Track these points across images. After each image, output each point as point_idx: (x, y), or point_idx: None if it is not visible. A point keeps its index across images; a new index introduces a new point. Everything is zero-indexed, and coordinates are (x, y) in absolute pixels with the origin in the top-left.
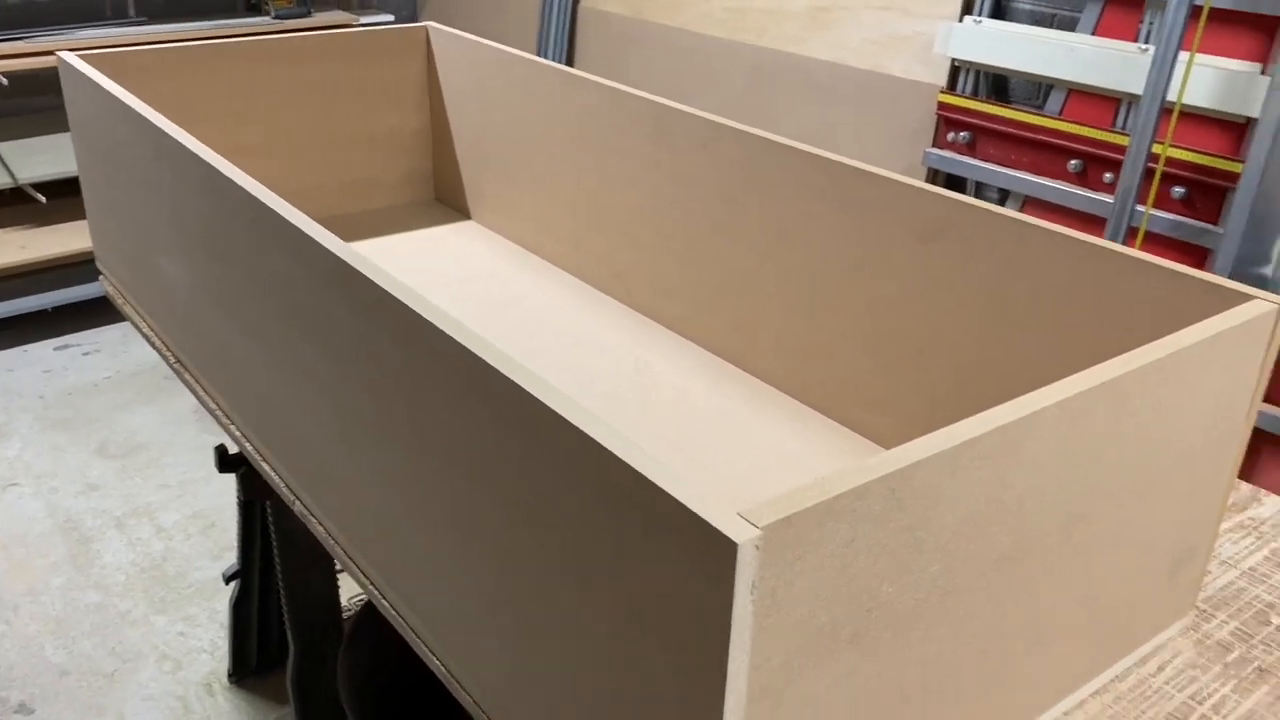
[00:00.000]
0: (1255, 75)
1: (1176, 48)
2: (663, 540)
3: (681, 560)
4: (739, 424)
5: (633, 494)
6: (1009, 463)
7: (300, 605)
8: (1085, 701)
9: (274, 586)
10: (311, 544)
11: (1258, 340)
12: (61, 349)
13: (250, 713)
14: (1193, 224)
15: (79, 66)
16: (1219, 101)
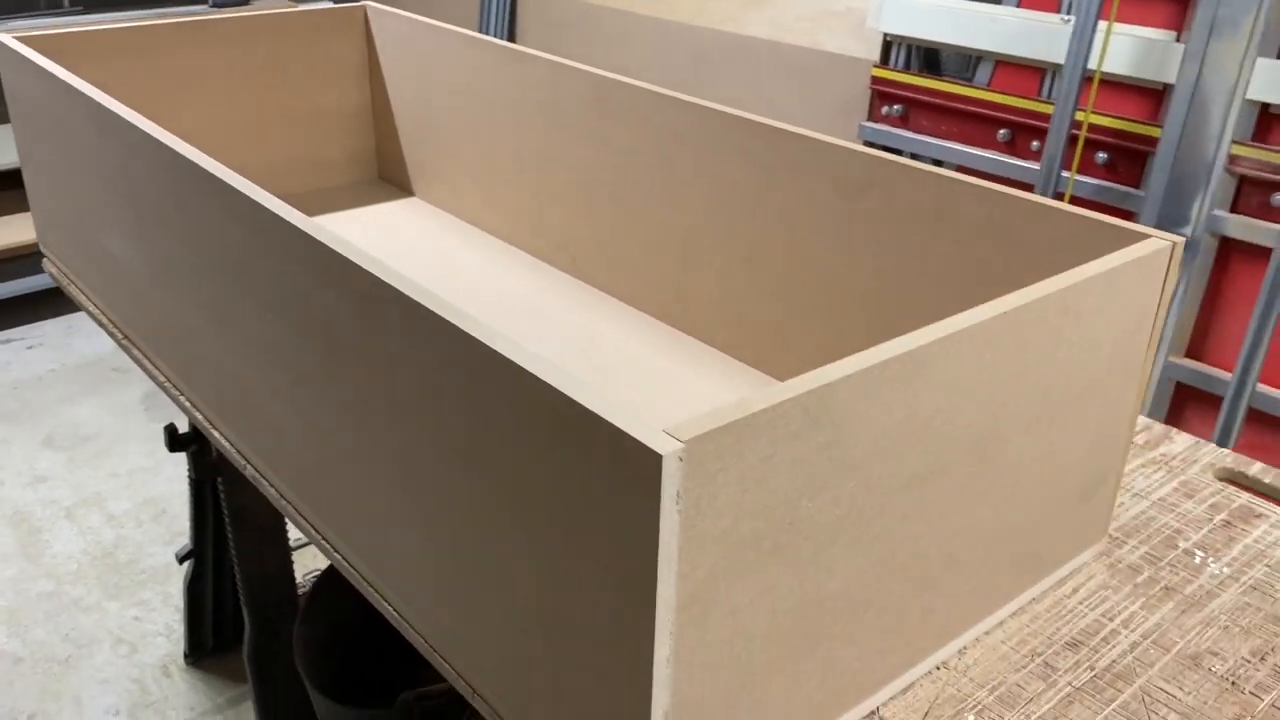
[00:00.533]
0: (1171, 43)
1: (1095, 18)
2: (594, 458)
3: (612, 475)
4: (679, 381)
5: (565, 417)
6: (919, 385)
7: (254, 581)
8: (1005, 621)
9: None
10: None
11: (1154, 276)
12: (4, 343)
13: (207, 692)
14: (1117, 188)
15: (17, 48)
16: (1137, 69)
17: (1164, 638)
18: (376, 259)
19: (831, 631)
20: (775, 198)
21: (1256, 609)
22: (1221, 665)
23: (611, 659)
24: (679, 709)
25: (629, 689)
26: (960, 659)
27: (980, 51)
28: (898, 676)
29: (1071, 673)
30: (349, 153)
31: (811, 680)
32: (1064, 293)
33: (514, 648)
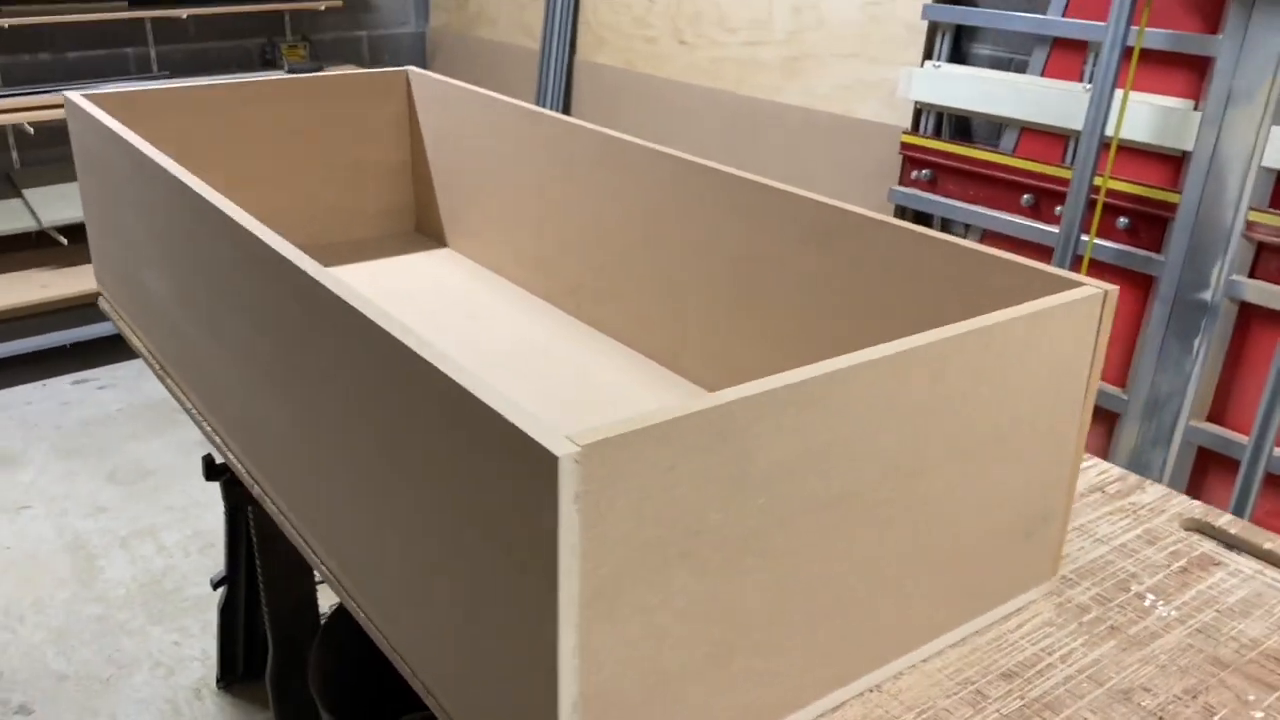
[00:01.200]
0: (1189, 111)
1: (1112, 86)
2: (507, 459)
3: (520, 475)
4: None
5: (484, 422)
6: (826, 411)
7: (280, 607)
8: (944, 651)
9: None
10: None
11: (1086, 321)
12: (79, 383)
13: (235, 715)
14: (1137, 253)
15: (81, 104)
16: (1156, 136)
17: (1100, 673)
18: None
19: (749, 641)
20: (755, 246)
21: (1198, 650)
22: (1151, 701)
23: (526, 649)
24: (589, 701)
25: (540, 678)
26: (894, 683)
27: (1005, 119)
28: (826, 695)
29: (1001, 701)
30: (389, 206)
31: (732, 689)
32: (982, 332)
33: (452, 642)
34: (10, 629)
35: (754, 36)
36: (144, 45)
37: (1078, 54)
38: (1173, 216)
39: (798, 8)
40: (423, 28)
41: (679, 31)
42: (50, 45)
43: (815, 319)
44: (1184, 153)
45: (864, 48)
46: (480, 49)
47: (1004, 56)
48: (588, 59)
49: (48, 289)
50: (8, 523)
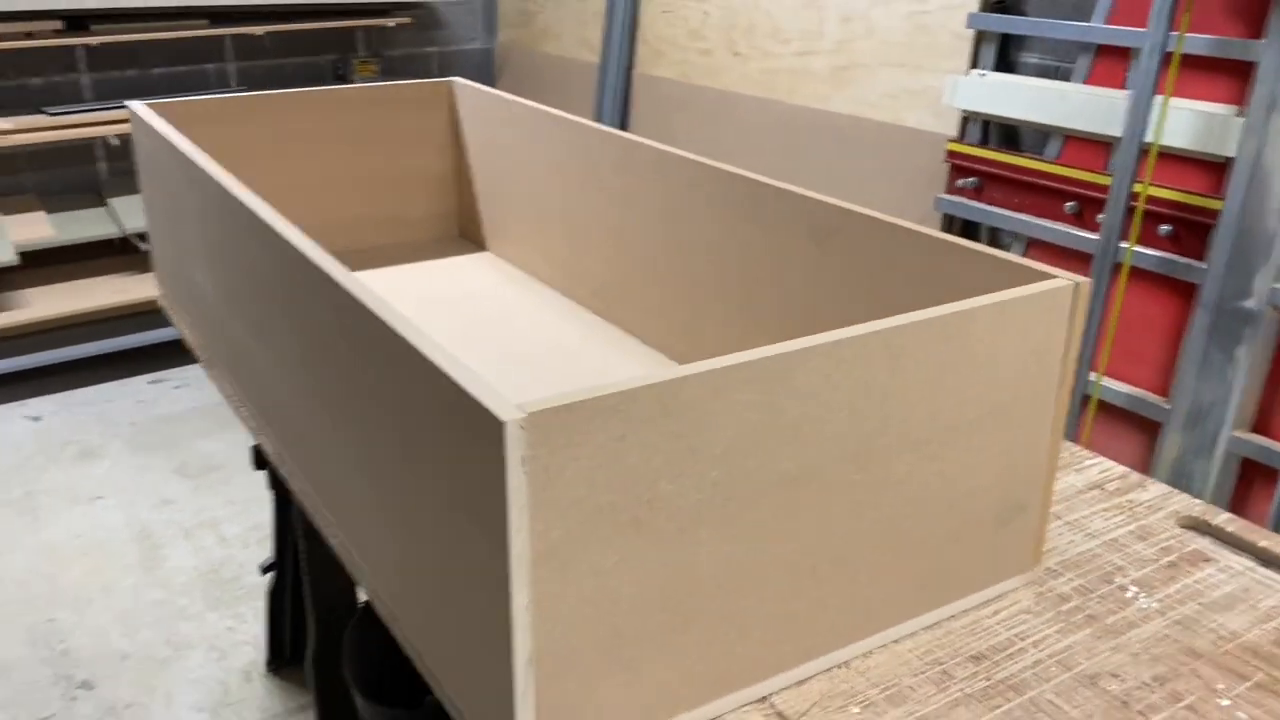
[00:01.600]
0: (1232, 117)
1: (1152, 92)
2: (465, 427)
3: (474, 440)
4: None
5: (446, 393)
6: (779, 390)
7: (322, 592)
8: (917, 633)
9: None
10: None
11: (1057, 312)
12: (154, 382)
13: (281, 697)
14: (1179, 260)
15: (140, 111)
16: (1198, 142)
17: (1070, 659)
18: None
19: (707, 610)
20: (764, 244)
21: (1174, 640)
22: (1118, 686)
23: (486, 608)
24: (544, 656)
25: (497, 632)
26: (863, 660)
27: (1049, 127)
28: (792, 668)
29: (967, 681)
30: (433, 212)
31: (690, 653)
32: (942, 320)
33: (435, 609)
34: (79, 610)
35: (805, 47)
36: (223, 62)
37: (1121, 61)
38: (1215, 223)
39: (847, 17)
40: (490, 43)
41: (733, 43)
42: (136, 62)
43: (818, 313)
44: (1226, 159)
45: (911, 56)
46: (545, 63)
47: (1049, 64)
48: (645, 71)
49: (128, 293)
50: (82, 512)
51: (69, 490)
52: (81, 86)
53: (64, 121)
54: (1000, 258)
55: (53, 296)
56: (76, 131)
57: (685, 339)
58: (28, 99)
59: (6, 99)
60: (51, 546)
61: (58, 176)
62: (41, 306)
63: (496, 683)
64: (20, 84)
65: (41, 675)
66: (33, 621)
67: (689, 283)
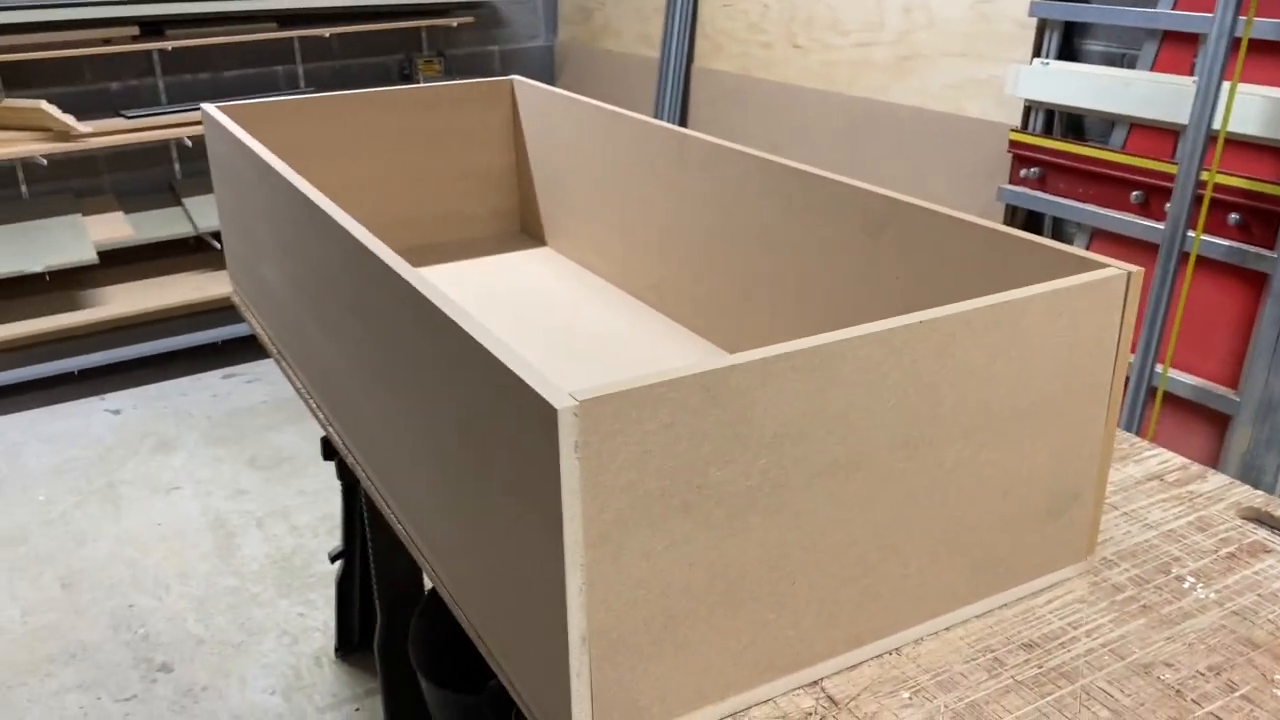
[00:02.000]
0: None
1: (1219, 78)
2: (522, 414)
3: (531, 427)
4: None
5: (503, 382)
6: (827, 378)
7: (388, 579)
8: (970, 621)
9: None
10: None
11: (1110, 301)
12: (228, 377)
13: (350, 682)
14: (1248, 249)
15: (213, 113)
16: (1267, 129)
17: (1123, 648)
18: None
19: (757, 594)
20: (816, 236)
21: (1230, 631)
22: (1172, 675)
23: (542, 587)
24: (597, 636)
25: (552, 613)
26: (914, 648)
27: (1114, 115)
28: (843, 653)
29: (1018, 668)
30: (495, 208)
31: (741, 637)
32: (991, 309)
33: (490, 588)
34: (158, 596)
35: (866, 38)
36: (292, 64)
37: (1189, 47)
38: None
39: (908, 8)
40: (551, 41)
41: (793, 36)
42: (209, 65)
43: (870, 304)
44: None
45: (973, 46)
46: (605, 60)
47: (1114, 52)
48: (705, 65)
49: (202, 290)
50: (160, 501)
51: (148, 481)
52: (157, 90)
53: (141, 124)
54: (1053, 247)
55: (130, 294)
56: (153, 134)
57: (739, 331)
58: (106, 103)
59: (86, 103)
60: (132, 535)
61: (134, 177)
62: (120, 304)
63: (552, 663)
64: (99, 88)
65: (123, 658)
66: (115, 606)
67: (742, 275)
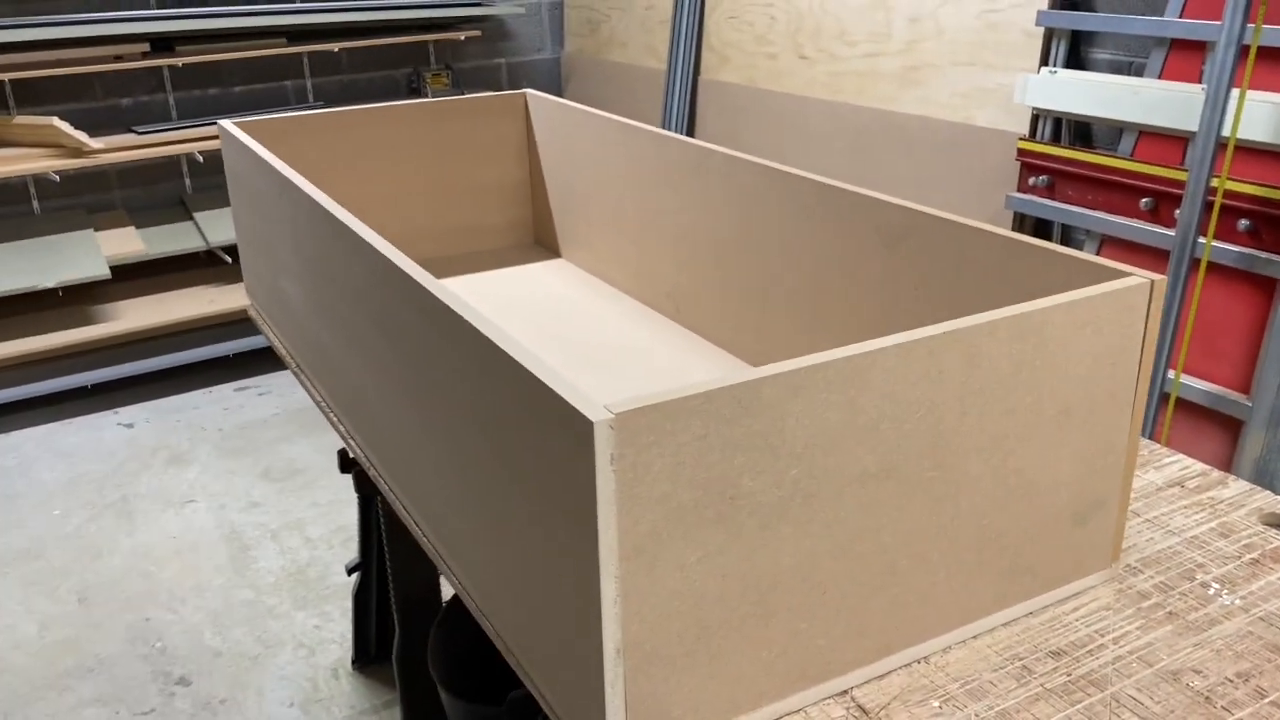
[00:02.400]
0: None
1: (1228, 85)
2: (558, 427)
3: (566, 440)
4: None
5: (538, 396)
6: (857, 389)
7: (406, 591)
8: (996, 629)
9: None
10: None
11: (1132, 310)
12: (240, 390)
13: (367, 694)
14: (1259, 255)
15: (232, 130)
16: (1277, 135)
17: (1151, 654)
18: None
19: (789, 604)
20: (834, 247)
21: (1258, 637)
22: (1201, 682)
23: (577, 602)
24: (632, 648)
25: (586, 625)
26: (942, 656)
27: (1122, 123)
28: (872, 662)
29: (1047, 676)
30: (509, 220)
31: (773, 647)
32: (1017, 319)
33: (527, 604)
34: (174, 609)
35: (873, 48)
36: (301, 78)
37: (1196, 55)
38: None
39: (915, 17)
40: (558, 53)
41: (799, 47)
42: (218, 81)
43: (889, 315)
44: None
45: (981, 55)
46: (612, 72)
47: (1122, 60)
48: (711, 77)
49: (214, 304)
50: (175, 514)
51: (162, 494)
52: (168, 105)
53: (152, 140)
54: (1074, 256)
55: (142, 308)
56: (164, 149)
57: (756, 341)
58: (117, 119)
59: (98, 119)
60: (147, 548)
61: (146, 192)
62: (132, 318)
63: (586, 675)
64: (110, 104)
65: (141, 671)
66: (131, 620)
67: (759, 286)
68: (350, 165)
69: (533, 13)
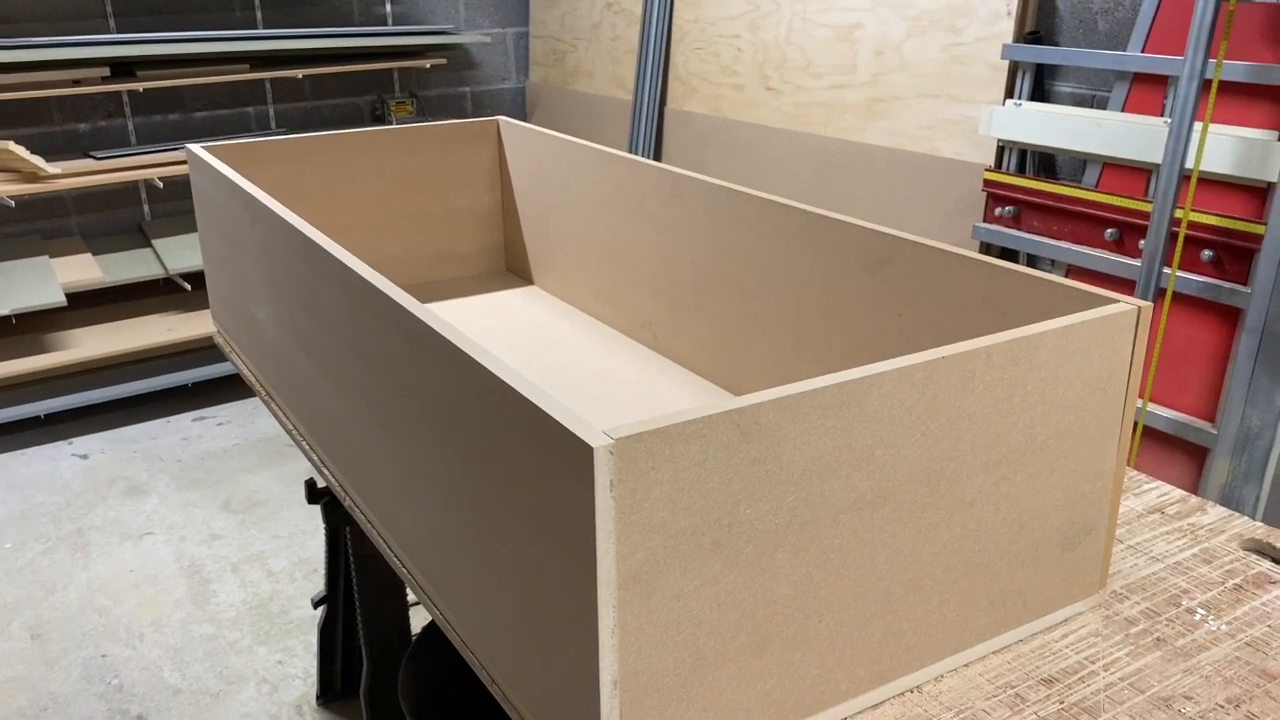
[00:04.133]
0: (1272, 142)
1: (1191, 119)
2: (554, 453)
3: (563, 466)
4: None
5: (532, 422)
6: (852, 415)
7: (374, 624)
8: (987, 657)
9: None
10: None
11: (1120, 336)
12: (198, 420)
13: None
14: (1223, 285)
15: (200, 154)
16: (1239, 168)
17: (1142, 681)
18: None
19: (784, 633)
20: (814, 274)
21: (1245, 663)
22: (1193, 708)
23: (572, 632)
24: (628, 679)
25: (583, 656)
26: (935, 685)
27: (1087, 155)
28: (866, 692)
29: (1040, 704)
30: (481, 246)
31: (768, 677)
32: (1010, 345)
33: (515, 634)
34: (131, 645)
35: (839, 80)
36: (264, 104)
37: (1158, 88)
38: (1258, 248)
39: (880, 50)
40: (522, 83)
41: (766, 78)
42: (179, 106)
43: (871, 341)
44: (1269, 184)
45: (946, 87)
46: (577, 101)
47: (1085, 93)
48: (678, 107)
49: (173, 332)
50: (131, 547)
51: (118, 526)
52: (126, 131)
53: (111, 165)
54: (1058, 283)
55: (99, 337)
56: (123, 175)
57: (735, 369)
58: (75, 143)
59: (54, 144)
60: (103, 582)
61: (103, 218)
62: (88, 347)
63: (581, 708)
64: (67, 129)
65: (97, 710)
66: (87, 656)
67: (738, 313)
68: (320, 190)
69: (498, 42)
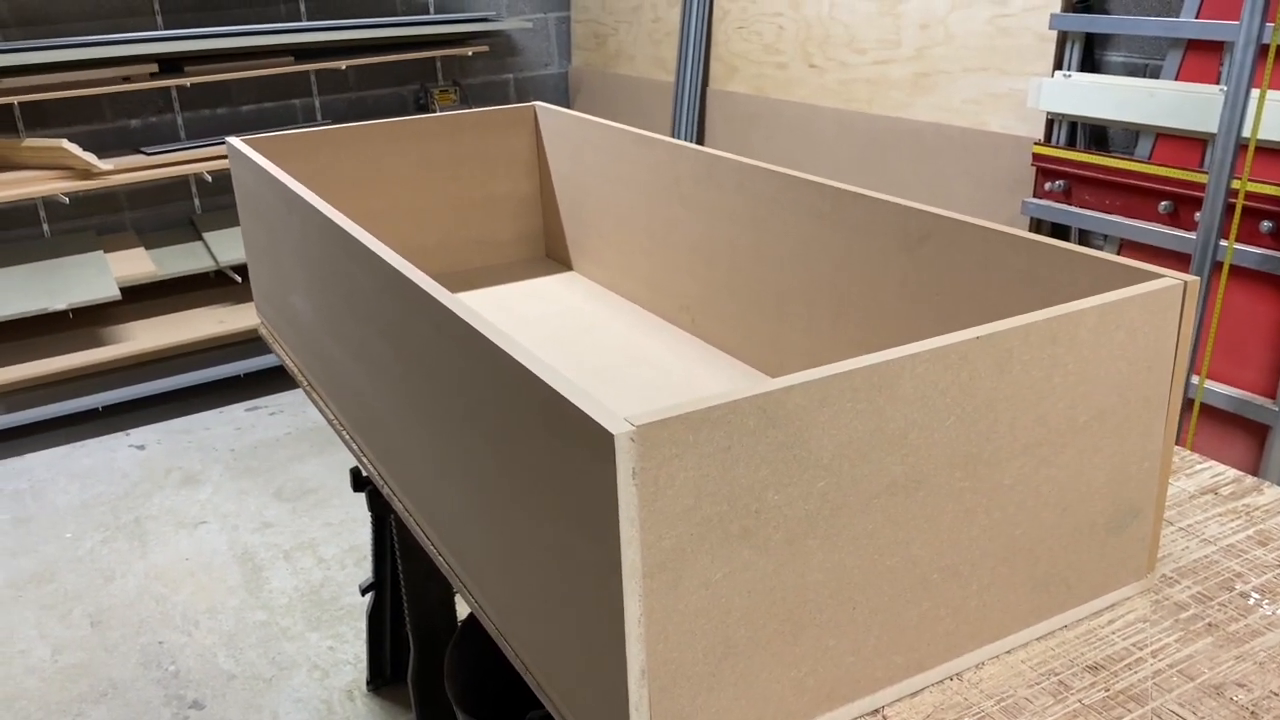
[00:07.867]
0: None
1: (1248, 86)
2: (576, 441)
3: (586, 454)
4: None
5: (556, 410)
6: (883, 398)
7: (420, 611)
8: (1030, 643)
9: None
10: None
11: (1166, 312)
12: (251, 410)
13: (383, 716)
14: None
15: (240, 147)
16: None
17: (1192, 668)
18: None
19: (818, 620)
20: (852, 253)
21: None
22: (1245, 696)
23: (599, 621)
24: (656, 668)
25: (610, 645)
26: (975, 672)
27: (1139, 126)
28: (903, 679)
29: (1084, 692)
30: (520, 233)
31: (801, 665)
32: (1049, 323)
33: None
34: (187, 632)
35: (883, 55)
36: (309, 96)
37: (1213, 55)
38: None
39: (925, 24)
40: (565, 68)
41: (809, 55)
42: (226, 100)
43: (910, 321)
44: None
45: (993, 60)
46: (619, 85)
47: (1137, 62)
48: (720, 88)
49: (224, 324)
50: (187, 536)
51: (174, 515)
52: (176, 126)
53: (161, 160)
54: (1102, 258)
55: (153, 329)
56: (173, 169)
57: (774, 351)
58: (126, 140)
59: (106, 141)
60: (160, 570)
61: (155, 213)
62: (143, 339)
63: (610, 695)
64: (119, 125)
65: (154, 695)
66: (145, 643)
67: (776, 295)
68: (360, 180)
69: (540, 27)
